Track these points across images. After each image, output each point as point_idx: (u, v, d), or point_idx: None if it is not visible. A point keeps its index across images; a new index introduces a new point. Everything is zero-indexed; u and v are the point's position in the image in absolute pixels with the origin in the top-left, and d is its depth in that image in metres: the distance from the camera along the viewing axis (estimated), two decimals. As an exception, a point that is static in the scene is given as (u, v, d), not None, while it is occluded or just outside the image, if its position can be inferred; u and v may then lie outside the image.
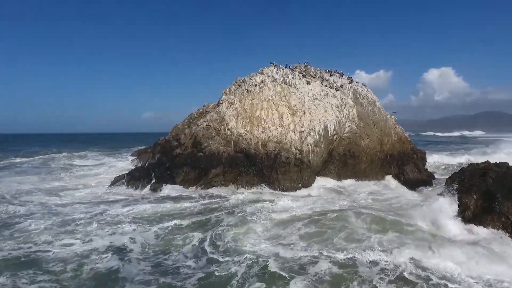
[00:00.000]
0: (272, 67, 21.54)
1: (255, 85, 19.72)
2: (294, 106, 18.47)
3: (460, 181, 14.20)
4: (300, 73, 21.35)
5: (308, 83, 20.39)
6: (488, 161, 15.48)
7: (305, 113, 17.91)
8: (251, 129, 16.85)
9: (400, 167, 20.32)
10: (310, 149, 16.40)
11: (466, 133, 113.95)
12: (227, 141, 16.47)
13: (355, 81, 22.33)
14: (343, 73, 22.75)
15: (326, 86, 20.79)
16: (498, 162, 14.27)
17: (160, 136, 26.14)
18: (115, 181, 16.45)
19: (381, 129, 20.73)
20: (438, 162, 26.74)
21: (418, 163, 21.17)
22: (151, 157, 23.04)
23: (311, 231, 9.20)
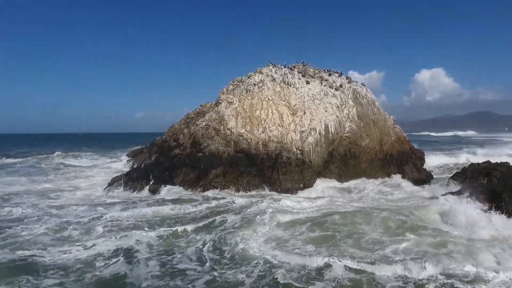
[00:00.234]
0: (271, 67, 21.31)
1: (254, 85, 19.46)
2: (294, 106, 18.27)
3: (461, 181, 14.21)
4: (299, 72, 21.16)
5: (307, 82, 20.22)
6: (489, 161, 15.48)
7: (305, 113, 17.73)
8: (251, 129, 16.61)
9: (399, 167, 20.28)
10: (311, 149, 16.21)
11: (459, 133, 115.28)
12: (227, 141, 16.20)
13: (354, 81, 22.24)
14: (342, 73, 22.64)
15: (325, 85, 20.65)
16: (499, 162, 14.32)
17: (151, 136, 25.69)
18: (112, 182, 16.05)
19: (380, 129, 20.66)
20: (434, 162, 26.77)
21: (417, 163, 21.17)
22: (147, 157, 22.62)
23: (319, 235, 8.87)
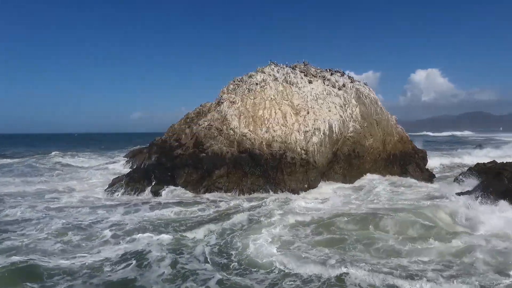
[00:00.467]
0: (272, 66, 21.10)
1: (256, 84, 19.23)
2: (297, 105, 18.07)
3: (469, 180, 14.12)
4: (301, 72, 20.97)
5: (310, 82, 20.04)
6: (494, 161, 15.43)
7: (308, 113, 17.54)
8: (255, 129, 16.38)
9: (402, 167, 20.16)
10: (315, 149, 16.02)
11: (456, 133, 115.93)
12: (230, 141, 15.95)
13: (356, 80, 22.10)
14: (344, 72, 22.50)
15: (328, 85, 20.48)
16: (505, 162, 14.23)
17: (148, 135, 25.31)
18: (113, 183, 15.72)
19: (383, 128, 20.53)
20: (435, 161, 26.70)
21: (419, 163, 21.06)
22: (147, 157, 22.33)
23: (330, 239, 8.59)
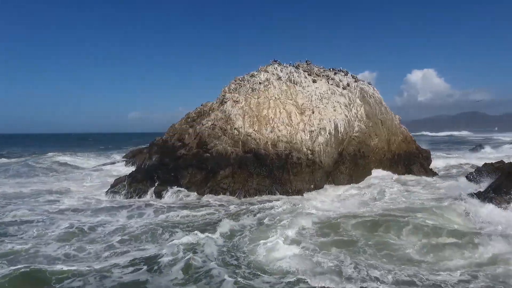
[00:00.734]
0: (276, 65, 20.83)
1: (260, 83, 18.94)
2: (301, 105, 17.81)
3: (478, 180, 13.96)
4: (304, 71, 20.73)
5: (314, 81, 19.80)
6: (502, 161, 15.29)
7: (313, 112, 17.30)
8: (259, 129, 16.10)
9: (407, 167, 20.01)
10: (321, 149, 15.77)
11: (454, 133, 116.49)
12: (234, 141, 15.66)
13: (360, 80, 21.90)
14: (348, 72, 22.29)
15: (332, 84, 20.26)
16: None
17: (145, 135, 24.98)
18: (115, 184, 15.36)
19: (388, 128, 20.37)
20: (438, 162, 26.57)
21: (423, 163, 20.94)
22: (147, 158, 21.97)
23: (341, 241, 8.36)
